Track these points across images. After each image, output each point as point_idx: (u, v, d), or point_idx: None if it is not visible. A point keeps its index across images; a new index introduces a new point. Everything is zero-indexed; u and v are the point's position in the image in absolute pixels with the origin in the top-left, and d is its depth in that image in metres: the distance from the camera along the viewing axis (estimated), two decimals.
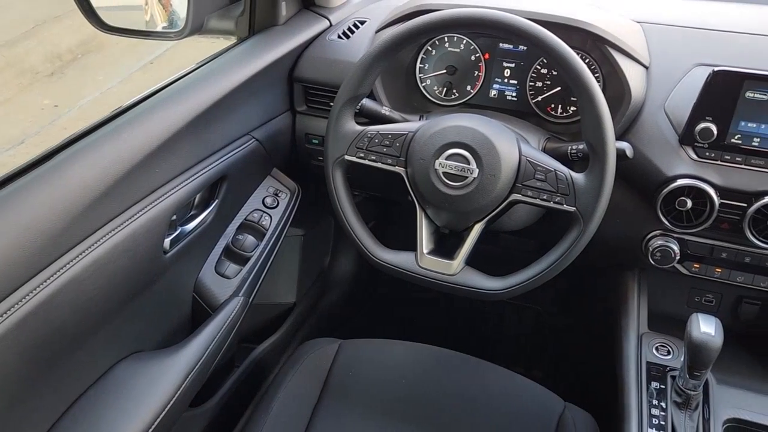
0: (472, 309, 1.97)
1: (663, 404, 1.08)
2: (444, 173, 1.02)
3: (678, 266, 1.16)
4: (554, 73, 1.23)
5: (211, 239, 1.23)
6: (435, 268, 1.06)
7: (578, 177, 0.98)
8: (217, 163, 1.15)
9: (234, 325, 1.19)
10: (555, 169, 0.99)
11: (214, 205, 1.18)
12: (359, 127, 1.08)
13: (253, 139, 1.25)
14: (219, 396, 1.33)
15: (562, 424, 1.14)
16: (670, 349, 1.17)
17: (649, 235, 1.15)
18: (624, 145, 1.06)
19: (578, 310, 1.83)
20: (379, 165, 1.08)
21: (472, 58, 1.28)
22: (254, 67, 1.20)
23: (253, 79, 1.20)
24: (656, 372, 1.13)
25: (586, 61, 1.19)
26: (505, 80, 1.28)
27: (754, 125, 1.03)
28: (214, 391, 1.33)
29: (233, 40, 1.32)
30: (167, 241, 1.06)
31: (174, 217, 1.07)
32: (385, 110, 1.18)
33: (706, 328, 0.98)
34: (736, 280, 1.14)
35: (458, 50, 1.29)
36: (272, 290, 1.57)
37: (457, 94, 1.31)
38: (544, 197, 0.99)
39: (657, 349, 1.18)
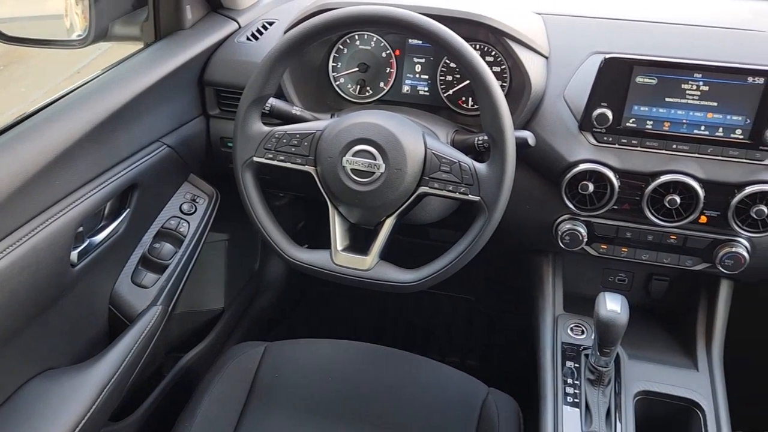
0: (408, 304, 1.99)
1: (577, 382, 1.12)
2: (352, 170, 1.03)
3: (587, 248, 1.20)
4: None
5: (125, 249, 1.20)
6: (349, 265, 1.07)
7: (481, 167, 1.00)
8: (125, 171, 1.13)
9: (153, 335, 1.17)
10: (459, 161, 1.01)
11: (125, 214, 1.16)
12: (267, 128, 1.08)
13: (165, 146, 1.23)
14: (144, 408, 1.30)
15: (486, 408, 1.17)
16: (584, 329, 1.21)
17: (558, 220, 1.19)
18: (526, 133, 1.09)
19: (507, 297, 1.87)
20: (288, 165, 1.08)
21: (383, 54, 1.30)
22: (160, 72, 1.18)
23: (159, 84, 1.18)
24: (571, 352, 1.17)
25: (492, 53, 1.22)
26: (417, 75, 1.30)
27: (647, 109, 1.08)
28: (139, 404, 1.31)
29: None
30: (74, 254, 1.04)
31: (81, 228, 1.04)
32: (296, 110, 1.18)
33: (612, 306, 1.02)
34: (641, 258, 1.19)
35: (369, 48, 1.30)
36: (199, 297, 1.55)
37: (371, 91, 1.32)
38: (450, 188, 1.01)
39: (572, 329, 1.22)
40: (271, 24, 1.37)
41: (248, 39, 1.33)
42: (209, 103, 1.33)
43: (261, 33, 1.34)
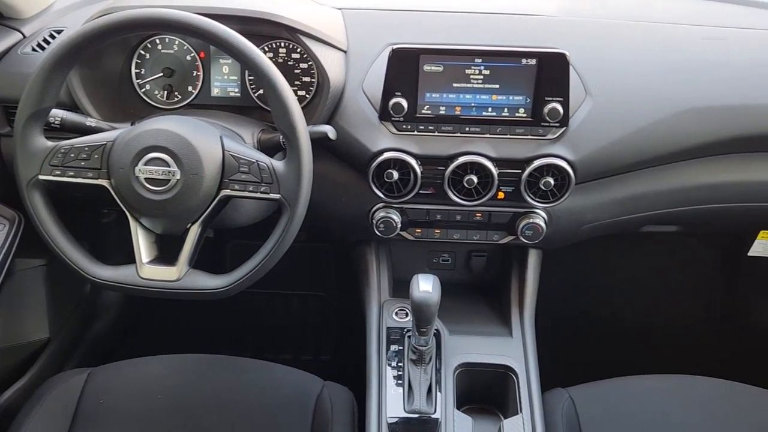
0: (260, 307, 1.97)
1: (401, 364, 1.16)
2: (146, 179, 0.99)
3: (403, 233, 1.24)
4: None
5: None
6: (156, 277, 1.03)
7: (279, 165, 1.00)
8: None
9: None
10: (257, 160, 1.00)
11: None
12: (51, 143, 1.02)
13: None
14: None
15: (320, 402, 1.18)
16: (408, 312, 1.25)
17: (373, 209, 1.22)
18: (326, 128, 1.11)
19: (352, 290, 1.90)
20: (79, 180, 1.02)
21: (188, 58, 1.26)
22: None
23: None
24: (395, 335, 1.21)
25: (298, 50, 1.23)
26: (225, 77, 1.28)
27: (438, 95, 1.13)
28: None
29: None
30: None
31: None
32: (91, 122, 1.12)
33: (425, 286, 1.06)
34: (453, 238, 1.25)
35: (172, 51, 1.26)
36: (19, 329, 1.44)
37: (179, 96, 1.28)
38: (251, 189, 1.01)
39: (396, 313, 1.26)
40: (59, 32, 1.29)
41: (33, 50, 1.25)
42: None
43: (48, 43, 1.26)
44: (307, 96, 1.25)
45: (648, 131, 1.14)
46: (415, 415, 1.08)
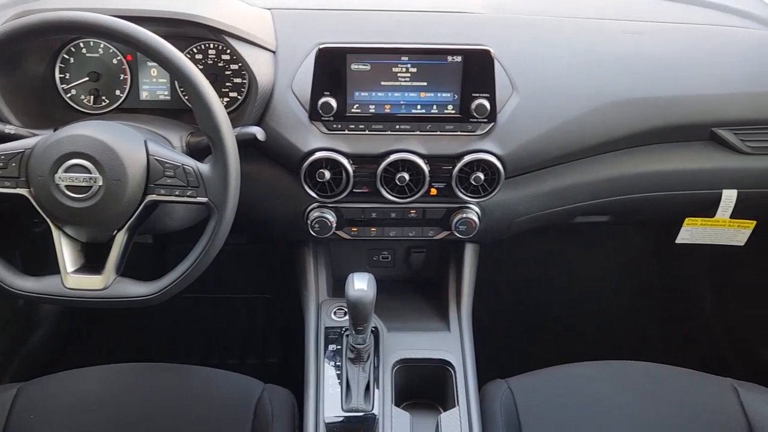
0: (205, 313, 1.94)
1: (339, 363, 1.16)
2: (67, 186, 0.97)
3: (339, 233, 1.24)
4: (200, 67, 1.23)
5: None
6: (82, 286, 1.01)
7: (205, 168, 0.99)
8: None
9: None
10: (183, 164, 0.99)
11: None
12: None
13: None
14: None
15: (260, 406, 1.17)
16: (346, 311, 1.25)
17: (308, 209, 1.22)
18: (254, 129, 1.10)
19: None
20: None
21: (114, 61, 1.24)
22: None
23: None
24: (333, 335, 1.21)
25: (228, 51, 1.22)
26: (154, 80, 1.26)
27: (367, 94, 1.13)
28: None
29: None
30: None
31: None
32: (10, 129, 1.09)
33: (360, 285, 1.06)
34: (389, 235, 1.25)
35: (98, 55, 1.23)
36: None
37: (107, 101, 1.26)
38: (177, 193, 0.99)
39: (335, 313, 1.26)
40: None
41: None
42: None
43: None
44: (239, 97, 1.24)
45: (573, 125, 1.17)
46: (353, 414, 1.08)
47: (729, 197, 1.29)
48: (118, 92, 1.25)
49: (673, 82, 1.22)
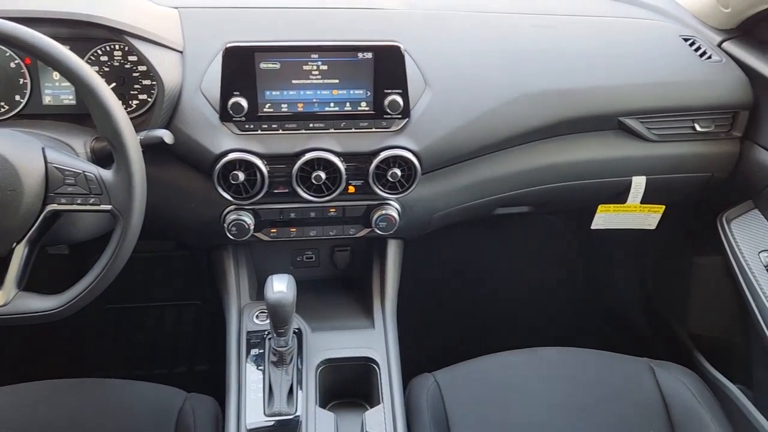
0: (130, 322, 1.88)
1: (261, 367, 1.14)
2: None
3: (257, 235, 1.22)
4: (106, 69, 1.18)
5: None
6: None
7: (108, 174, 0.95)
8: None
9: None
10: (84, 171, 0.95)
11: None
12: None
13: None
14: None
15: (183, 416, 1.14)
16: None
17: (224, 212, 1.19)
18: (161, 132, 1.07)
19: None
20: None
21: (12, 65, 1.17)
22: None
23: None
24: (255, 339, 1.19)
25: (135, 52, 1.17)
26: (56, 83, 1.20)
27: (278, 93, 1.12)
28: None
29: None
30: None
31: None
32: None
33: (279, 287, 1.05)
34: (310, 235, 1.24)
35: None
36: None
37: (6, 107, 1.19)
38: (79, 201, 0.95)
39: (257, 316, 1.24)
40: None
41: None
42: None
43: None
44: (150, 99, 1.20)
45: (485, 118, 1.19)
46: (276, 418, 1.07)
47: (638, 183, 1.34)
48: (17, 97, 1.19)
49: (581, 74, 1.26)
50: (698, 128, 1.31)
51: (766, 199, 1.31)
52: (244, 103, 1.10)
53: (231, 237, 1.18)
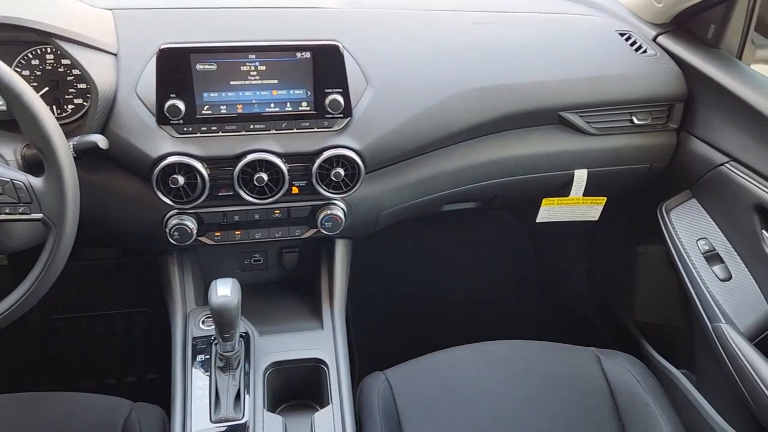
0: (78, 334, 1.83)
1: (208, 373, 1.12)
2: None
3: (202, 239, 1.20)
4: (38, 73, 1.15)
5: None
6: None
7: (37, 182, 0.92)
8: None
9: None
10: (11, 179, 0.92)
11: None
12: None
13: None
14: None
15: (128, 426, 1.12)
16: None
17: (166, 217, 1.16)
18: (95, 137, 1.04)
19: None
20: None
21: None
22: None
23: None
24: (202, 344, 1.17)
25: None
26: None
27: (216, 94, 1.10)
28: None
29: None
30: None
31: None
32: None
33: (223, 291, 1.03)
34: (255, 237, 1.23)
35: None
36: None
37: None
38: (8, 211, 0.92)
39: (203, 321, 1.22)
40: None
41: None
42: None
43: None
44: (86, 104, 1.17)
45: (427, 115, 1.19)
46: (222, 424, 1.05)
47: (580, 176, 1.36)
48: None
49: (521, 70, 1.27)
50: (636, 121, 1.34)
51: (702, 189, 1.35)
52: (181, 105, 1.08)
53: (173, 242, 1.16)
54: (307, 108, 1.13)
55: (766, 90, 1.21)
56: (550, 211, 1.44)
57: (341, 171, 1.14)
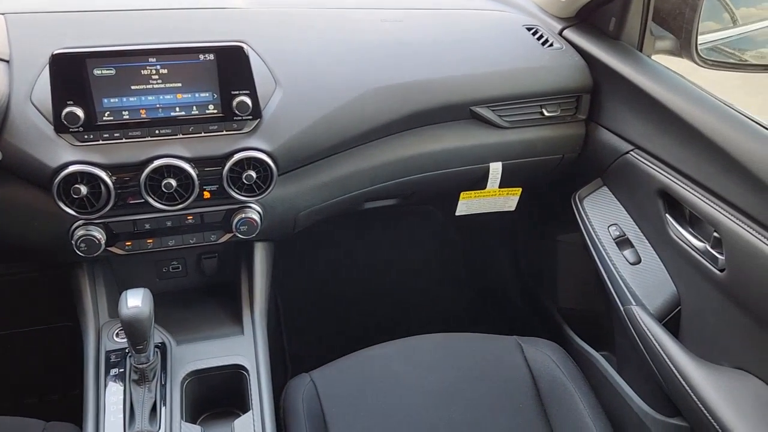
0: (1, 352, 1.75)
1: (122, 387, 1.09)
2: None
3: (111, 249, 1.16)
4: None
5: None
6: None
7: None
8: None
9: None
10: None
11: None
12: None
13: None
14: None
15: None
16: None
17: (72, 228, 1.12)
18: None
19: None
20: None
21: None
22: None
23: None
24: (116, 358, 1.14)
25: None
26: None
27: (116, 100, 1.06)
28: None
29: None
30: None
31: None
32: None
33: (133, 302, 1.01)
34: (169, 245, 1.20)
35: None
36: None
37: None
38: None
39: (117, 334, 1.19)
40: None
41: None
42: None
43: None
44: None
45: (338, 114, 1.19)
46: None
47: (495, 169, 1.39)
48: None
49: (430, 66, 1.28)
50: (546, 113, 1.38)
51: (612, 176, 1.40)
52: (79, 112, 1.04)
53: (81, 254, 1.12)
54: (215, 111, 1.11)
55: (665, 80, 1.25)
56: (468, 204, 1.46)
57: (253, 173, 1.13)
